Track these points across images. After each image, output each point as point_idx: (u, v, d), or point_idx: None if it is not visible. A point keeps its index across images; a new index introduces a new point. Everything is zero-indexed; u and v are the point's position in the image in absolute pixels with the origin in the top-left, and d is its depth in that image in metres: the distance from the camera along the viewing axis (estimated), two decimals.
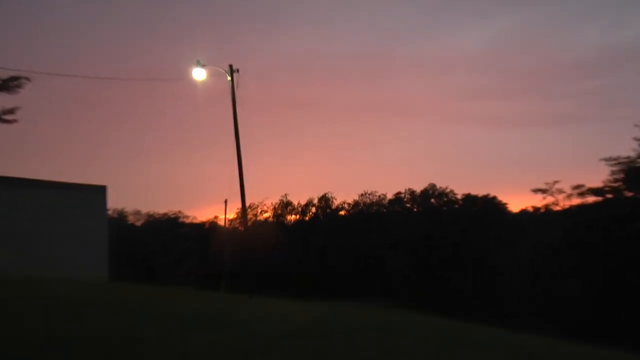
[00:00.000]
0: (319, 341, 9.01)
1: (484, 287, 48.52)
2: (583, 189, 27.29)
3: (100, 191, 30.26)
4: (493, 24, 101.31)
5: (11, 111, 17.56)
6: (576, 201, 28.06)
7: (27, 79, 17.58)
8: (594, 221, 25.81)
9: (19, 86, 17.30)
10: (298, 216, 64.71)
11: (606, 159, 25.95)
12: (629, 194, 25.43)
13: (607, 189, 26.16)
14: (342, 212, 65.03)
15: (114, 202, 66.49)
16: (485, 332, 13.11)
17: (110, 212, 44.11)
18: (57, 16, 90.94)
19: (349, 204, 65.54)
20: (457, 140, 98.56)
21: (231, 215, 60.75)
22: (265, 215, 64.09)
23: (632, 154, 25.53)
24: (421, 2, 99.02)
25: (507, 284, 39.34)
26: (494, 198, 65.48)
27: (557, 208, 29.80)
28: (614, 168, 25.96)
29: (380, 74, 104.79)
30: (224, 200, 55.62)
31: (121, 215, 63.18)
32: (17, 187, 26.96)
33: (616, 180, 25.77)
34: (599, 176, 26.73)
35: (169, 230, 62.61)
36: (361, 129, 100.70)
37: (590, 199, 26.96)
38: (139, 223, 66.45)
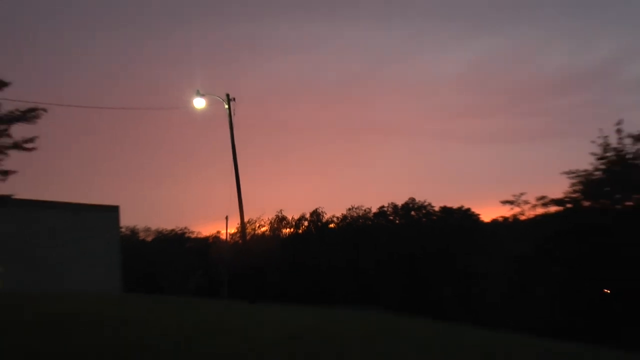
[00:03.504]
0: (312, 346, 8.82)
1: (464, 293, 48.11)
2: (546, 200, 27.22)
3: (113, 211, 30.21)
4: (471, 48, 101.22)
5: (31, 140, 17.28)
6: (540, 211, 27.87)
7: (44, 110, 17.38)
8: (557, 232, 25.80)
9: (36, 117, 17.14)
10: (292, 229, 60.17)
11: (567, 172, 26.00)
12: (586, 204, 25.53)
13: (567, 199, 26.15)
14: (332, 225, 59.98)
15: (126, 220, 62.77)
16: (466, 331, 12.95)
17: (122, 230, 43.44)
18: (64, 49, 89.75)
19: (338, 217, 60.13)
20: (437, 157, 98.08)
21: (232, 230, 57.94)
22: (263, 229, 59.69)
23: (590, 168, 25.58)
24: (405, 29, 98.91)
25: (485, 290, 38.96)
26: (468, 210, 64.41)
27: (523, 217, 29.62)
28: (573, 180, 25.99)
29: (366, 96, 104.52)
30: (225, 216, 54.97)
31: (133, 232, 59.78)
32: (36, 208, 26.61)
33: (575, 192, 25.80)
34: (563, 188, 26.58)
35: (176, 245, 60.21)
36: (349, 148, 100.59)
37: (553, 208, 26.97)
38: (149, 239, 62.51)
